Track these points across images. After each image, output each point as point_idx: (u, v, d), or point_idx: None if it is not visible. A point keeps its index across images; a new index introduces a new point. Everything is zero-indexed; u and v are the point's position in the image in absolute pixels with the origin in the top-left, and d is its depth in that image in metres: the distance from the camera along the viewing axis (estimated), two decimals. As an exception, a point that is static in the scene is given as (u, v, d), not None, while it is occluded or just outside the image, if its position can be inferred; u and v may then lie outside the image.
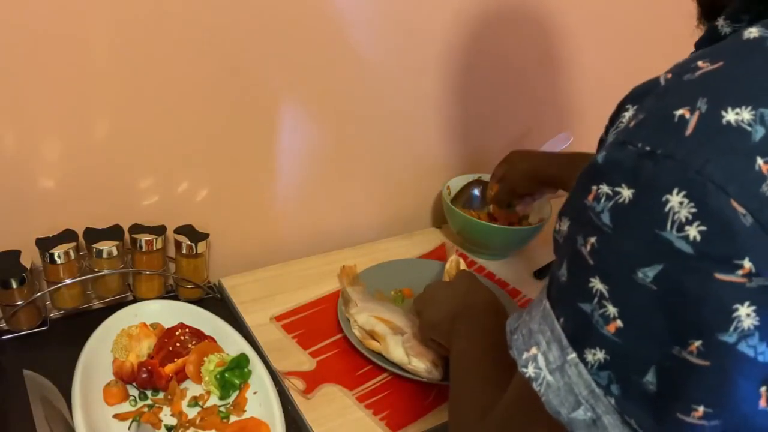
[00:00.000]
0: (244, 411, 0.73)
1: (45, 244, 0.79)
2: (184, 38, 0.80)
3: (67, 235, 0.81)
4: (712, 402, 0.35)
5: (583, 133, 1.22)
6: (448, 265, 0.98)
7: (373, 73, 0.97)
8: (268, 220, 1.01)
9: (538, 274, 1.05)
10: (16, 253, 0.79)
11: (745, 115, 0.33)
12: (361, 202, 1.10)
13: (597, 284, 0.38)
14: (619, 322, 0.37)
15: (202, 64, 0.82)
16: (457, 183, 1.14)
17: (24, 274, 0.78)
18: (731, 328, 0.33)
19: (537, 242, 1.08)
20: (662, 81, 0.38)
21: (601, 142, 0.42)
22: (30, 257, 0.80)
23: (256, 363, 0.77)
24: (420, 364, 0.78)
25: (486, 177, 1.16)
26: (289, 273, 0.99)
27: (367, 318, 0.84)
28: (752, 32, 0.37)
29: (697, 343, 0.34)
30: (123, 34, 0.76)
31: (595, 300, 0.38)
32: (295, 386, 0.78)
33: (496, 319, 0.70)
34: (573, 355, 0.40)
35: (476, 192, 1.15)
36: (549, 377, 0.41)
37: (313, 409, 0.76)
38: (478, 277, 0.88)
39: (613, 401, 0.38)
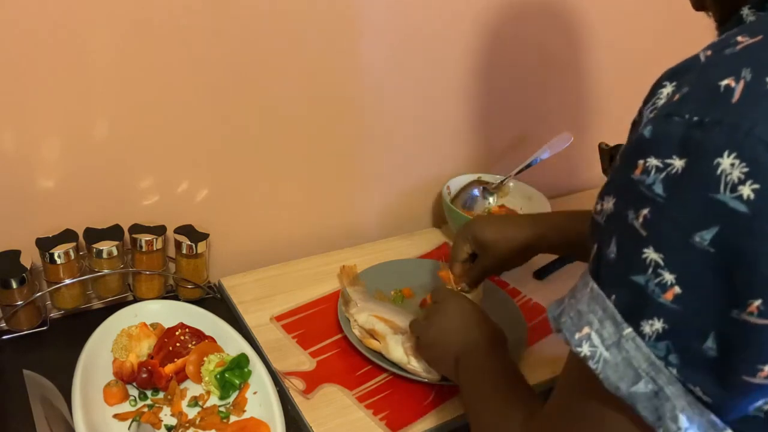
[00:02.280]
0: (244, 411, 0.73)
1: (45, 244, 0.79)
2: (185, 38, 0.80)
3: (67, 235, 0.81)
4: None
5: (583, 134, 1.22)
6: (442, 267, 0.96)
7: (374, 75, 0.97)
8: (268, 220, 1.01)
9: (538, 274, 1.05)
10: (16, 253, 0.79)
11: None
12: (361, 202, 1.10)
13: (651, 254, 0.38)
14: (677, 289, 0.37)
15: (202, 65, 0.82)
16: (457, 183, 1.13)
17: (24, 274, 0.78)
18: None
19: (537, 242, 1.08)
20: (702, 57, 0.39)
21: (635, 124, 0.42)
22: (30, 257, 0.80)
23: (256, 363, 0.77)
24: (419, 364, 0.78)
25: (486, 177, 1.16)
26: (289, 273, 0.99)
27: (368, 317, 0.84)
28: None
29: (757, 302, 0.34)
30: (123, 35, 0.76)
31: (650, 270, 0.38)
32: (295, 386, 0.78)
33: (499, 352, 0.69)
34: (629, 330, 0.40)
35: (476, 192, 1.15)
36: (606, 353, 0.41)
37: (313, 409, 0.76)
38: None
39: (674, 371, 0.38)
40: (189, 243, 0.87)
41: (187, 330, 0.79)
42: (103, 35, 0.75)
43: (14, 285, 0.77)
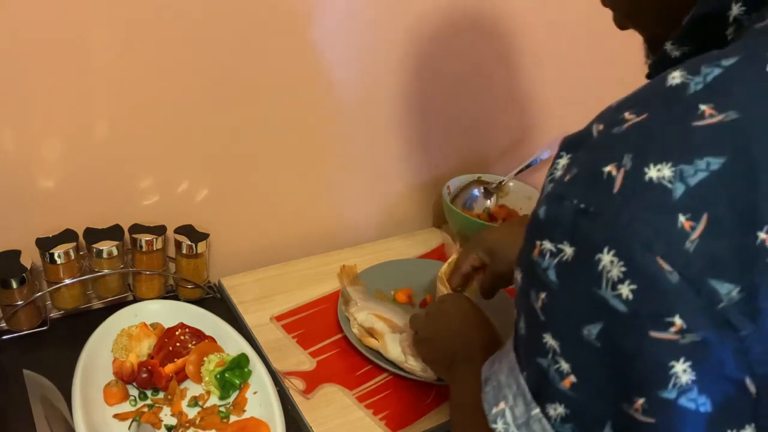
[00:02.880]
0: (244, 411, 0.73)
1: (45, 244, 0.79)
2: (185, 38, 0.80)
3: (67, 235, 0.81)
4: None
5: (583, 133, 1.22)
6: (445, 267, 0.96)
7: (374, 75, 0.97)
8: (268, 220, 1.01)
9: (538, 274, 1.04)
10: (16, 253, 0.79)
11: (666, 172, 0.33)
12: (361, 202, 1.10)
13: (549, 340, 0.38)
14: (572, 378, 0.38)
15: (202, 65, 0.82)
16: (457, 183, 1.13)
17: (24, 274, 0.78)
18: (670, 385, 0.34)
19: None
20: (594, 132, 0.39)
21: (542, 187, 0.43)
22: (30, 257, 0.80)
23: (256, 363, 0.77)
24: (416, 363, 0.78)
25: (486, 177, 1.16)
26: (289, 273, 0.99)
27: (367, 315, 0.84)
28: (675, 77, 0.37)
29: (641, 400, 0.35)
30: (123, 35, 0.76)
31: (550, 355, 0.38)
32: (295, 386, 0.78)
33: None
34: (537, 411, 0.40)
35: (476, 192, 1.15)
36: None
37: (313, 409, 0.76)
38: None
39: None
40: (189, 243, 0.87)
41: (187, 330, 0.79)
42: (104, 35, 0.75)
43: (14, 285, 0.77)
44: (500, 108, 1.16)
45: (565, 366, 0.38)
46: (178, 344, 0.77)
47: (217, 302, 0.92)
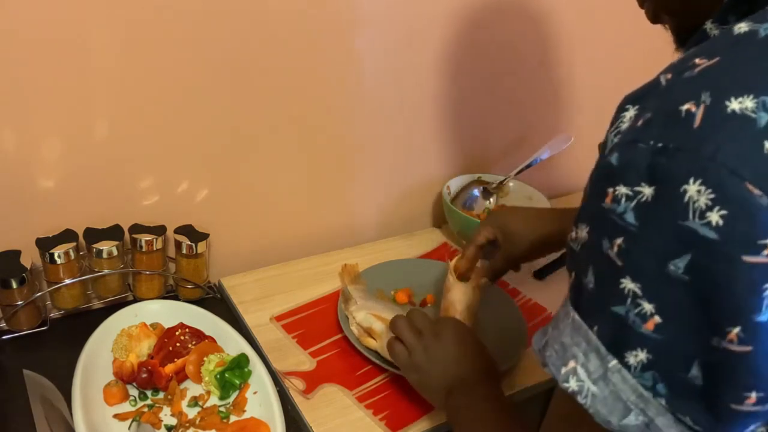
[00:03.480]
0: (244, 411, 0.73)
1: (45, 244, 0.79)
2: (185, 38, 0.80)
3: (67, 235, 0.81)
4: (764, 386, 0.35)
5: (583, 134, 1.22)
6: (456, 259, 0.91)
7: (373, 74, 0.97)
8: (268, 220, 1.01)
9: (538, 274, 1.05)
10: (16, 253, 0.79)
11: (748, 103, 0.34)
12: (361, 202, 1.10)
13: (628, 284, 0.37)
14: (657, 318, 0.37)
15: (202, 65, 0.82)
16: (457, 183, 1.13)
17: (24, 274, 0.78)
18: (764, 307, 0.33)
19: (537, 242, 1.08)
20: (662, 81, 0.39)
21: (602, 143, 0.42)
22: (30, 257, 0.80)
23: (256, 363, 0.77)
24: None
25: (486, 177, 1.16)
26: (289, 273, 0.99)
27: (366, 315, 0.84)
28: (742, 27, 0.38)
29: (736, 330, 0.34)
30: (123, 35, 0.76)
31: (629, 300, 0.38)
32: (295, 386, 0.78)
33: (491, 385, 0.68)
34: (614, 362, 0.39)
35: (476, 192, 1.15)
36: (593, 388, 0.40)
37: (313, 409, 0.76)
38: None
39: (663, 401, 0.38)
40: (189, 243, 0.87)
41: (187, 330, 0.79)
42: (104, 35, 0.75)
43: (14, 285, 0.77)
44: (500, 108, 1.16)
45: (648, 307, 0.37)
46: (178, 344, 0.77)
47: (217, 302, 0.92)
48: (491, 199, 1.16)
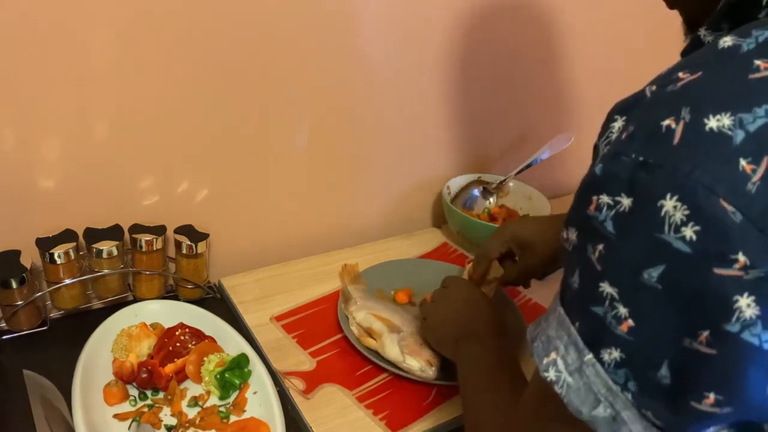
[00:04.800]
0: (244, 411, 0.73)
1: (45, 244, 0.79)
2: (185, 38, 0.80)
3: (67, 235, 0.81)
4: (722, 389, 0.37)
5: (583, 134, 1.22)
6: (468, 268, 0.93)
7: (373, 74, 0.97)
8: (268, 220, 1.01)
9: (538, 274, 1.05)
10: (16, 253, 0.79)
11: (726, 120, 0.35)
12: (361, 202, 1.10)
13: (607, 288, 0.40)
14: (630, 322, 0.39)
15: (202, 65, 0.82)
16: (457, 183, 1.14)
17: (24, 274, 0.78)
18: (733, 319, 0.35)
19: (537, 242, 1.08)
20: (648, 93, 0.41)
21: (595, 148, 0.44)
22: (30, 257, 0.80)
23: (256, 363, 0.77)
24: (414, 363, 0.78)
25: (486, 177, 1.16)
26: (289, 273, 0.99)
27: (365, 315, 0.85)
28: (726, 41, 0.39)
29: (705, 333, 0.36)
30: (123, 35, 0.76)
31: (607, 303, 0.40)
32: (295, 386, 0.78)
33: (497, 340, 0.71)
34: (590, 356, 0.42)
35: (476, 192, 1.15)
36: (569, 379, 0.43)
37: (313, 409, 0.76)
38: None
39: (630, 396, 0.40)
40: (189, 243, 0.87)
41: (187, 330, 0.79)
42: (103, 35, 0.75)
43: (14, 285, 0.77)
44: (500, 108, 1.16)
45: (623, 311, 0.39)
46: (178, 344, 0.77)
47: (217, 302, 0.92)
48: (491, 199, 1.16)
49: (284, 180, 0.99)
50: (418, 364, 0.78)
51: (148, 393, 0.74)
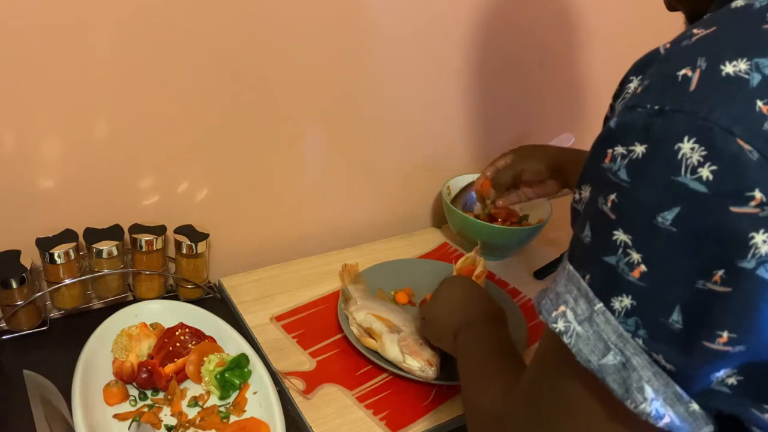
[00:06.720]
0: (244, 411, 0.73)
1: (45, 244, 0.79)
2: (185, 39, 0.80)
3: (67, 235, 0.81)
4: (736, 327, 0.37)
5: (584, 133, 1.22)
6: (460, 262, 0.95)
7: (373, 75, 0.97)
8: (268, 220, 1.01)
9: (538, 274, 1.05)
10: (16, 253, 0.79)
11: (742, 65, 0.36)
12: (361, 202, 1.10)
13: (620, 235, 0.40)
14: (643, 267, 0.39)
15: (203, 65, 0.82)
16: (457, 183, 1.13)
17: (24, 274, 0.78)
18: (749, 255, 0.35)
19: (537, 242, 1.08)
20: (662, 50, 0.42)
21: (611, 108, 0.45)
22: (30, 257, 0.80)
23: (256, 363, 0.77)
24: (414, 363, 0.78)
25: (486, 177, 1.16)
26: (289, 273, 0.99)
27: (365, 315, 0.85)
28: (738, 2, 0.41)
29: (720, 272, 0.36)
30: (123, 35, 0.76)
31: (620, 250, 0.40)
32: (295, 386, 0.78)
33: (495, 328, 0.71)
34: (600, 305, 0.42)
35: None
36: (578, 328, 0.43)
37: (313, 409, 0.76)
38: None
39: (641, 342, 0.40)
40: (189, 243, 0.87)
41: (187, 330, 0.79)
42: (103, 35, 0.75)
43: (14, 285, 0.77)
44: (501, 108, 1.16)
45: (636, 256, 0.39)
46: (178, 344, 0.77)
47: (217, 302, 0.92)
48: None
49: (284, 180, 0.99)
50: (418, 364, 0.78)
51: (148, 393, 0.74)
